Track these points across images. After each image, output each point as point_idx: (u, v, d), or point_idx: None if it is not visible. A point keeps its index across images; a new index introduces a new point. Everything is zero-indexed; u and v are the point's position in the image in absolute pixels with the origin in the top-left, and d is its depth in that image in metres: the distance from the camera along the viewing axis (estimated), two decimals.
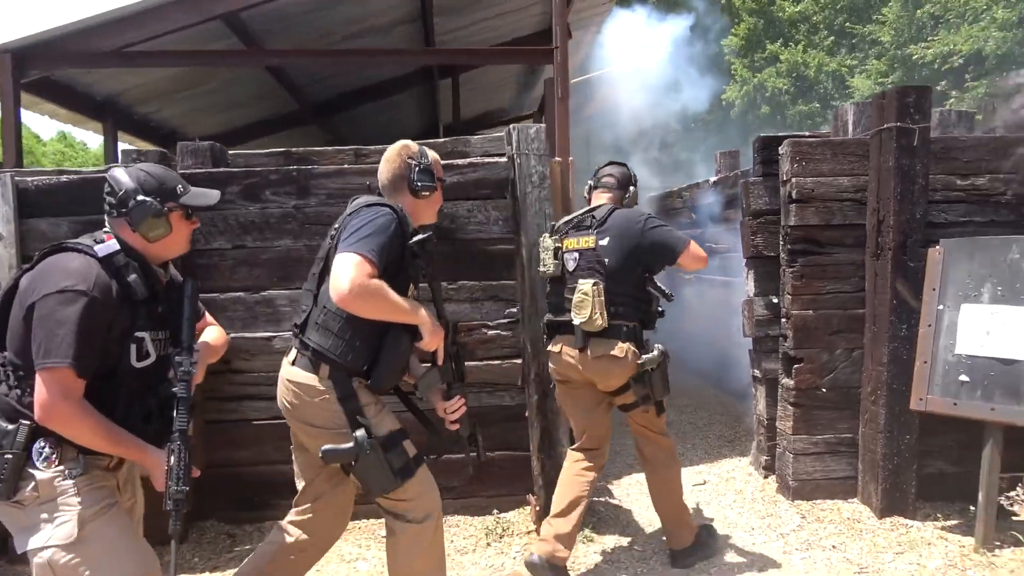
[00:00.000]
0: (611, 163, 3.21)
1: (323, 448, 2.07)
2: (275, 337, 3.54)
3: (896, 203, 3.41)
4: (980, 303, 3.20)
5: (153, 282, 1.87)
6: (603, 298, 2.78)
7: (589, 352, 2.84)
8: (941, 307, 3.31)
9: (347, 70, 6.46)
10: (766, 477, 4.08)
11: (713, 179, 6.02)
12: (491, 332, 3.57)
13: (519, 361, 3.53)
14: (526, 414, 3.53)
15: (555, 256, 2.96)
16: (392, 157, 2.29)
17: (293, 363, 2.16)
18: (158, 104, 6.34)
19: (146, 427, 1.84)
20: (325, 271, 2.12)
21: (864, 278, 3.63)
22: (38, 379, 1.67)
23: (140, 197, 1.83)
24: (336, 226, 2.17)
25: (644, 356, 2.82)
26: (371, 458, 2.06)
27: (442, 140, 3.74)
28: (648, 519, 3.67)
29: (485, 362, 3.56)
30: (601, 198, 3.10)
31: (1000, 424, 3.08)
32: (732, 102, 13.75)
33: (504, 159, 3.51)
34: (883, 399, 3.47)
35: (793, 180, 3.62)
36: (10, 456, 1.70)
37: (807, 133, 4.02)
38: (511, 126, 3.42)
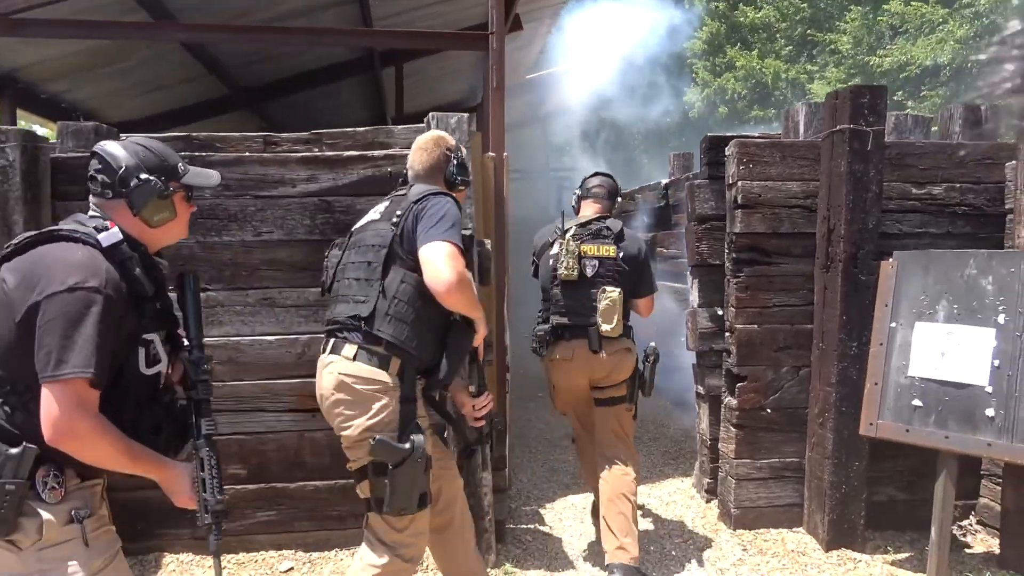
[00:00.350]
0: (597, 174, 3.31)
1: (377, 437, 1.96)
2: None
3: (848, 211, 3.15)
4: (935, 322, 2.95)
5: (156, 275, 1.63)
6: (622, 306, 3.02)
7: (604, 352, 3.02)
8: (894, 325, 3.06)
9: (277, 53, 6.01)
10: (708, 502, 3.80)
11: (665, 181, 5.77)
12: None
13: None
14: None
15: (578, 261, 3.03)
16: (429, 146, 2.27)
17: (354, 358, 2.04)
18: (68, 83, 5.79)
19: (156, 439, 1.62)
20: (390, 258, 2.06)
21: (813, 291, 3.37)
22: (48, 393, 1.40)
23: (144, 175, 1.59)
24: (398, 212, 2.10)
25: (650, 347, 3.17)
26: (415, 469, 1.99)
27: (363, 130, 3.36)
28: (579, 548, 3.36)
29: None
30: (592, 207, 3.22)
31: (955, 453, 2.84)
32: (692, 104, 13.58)
33: None
34: (831, 422, 3.21)
35: (739, 184, 3.34)
36: (12, 487, 1.42)
37: (756, 134, 3.74)
38: (431, 114, 3.05)
